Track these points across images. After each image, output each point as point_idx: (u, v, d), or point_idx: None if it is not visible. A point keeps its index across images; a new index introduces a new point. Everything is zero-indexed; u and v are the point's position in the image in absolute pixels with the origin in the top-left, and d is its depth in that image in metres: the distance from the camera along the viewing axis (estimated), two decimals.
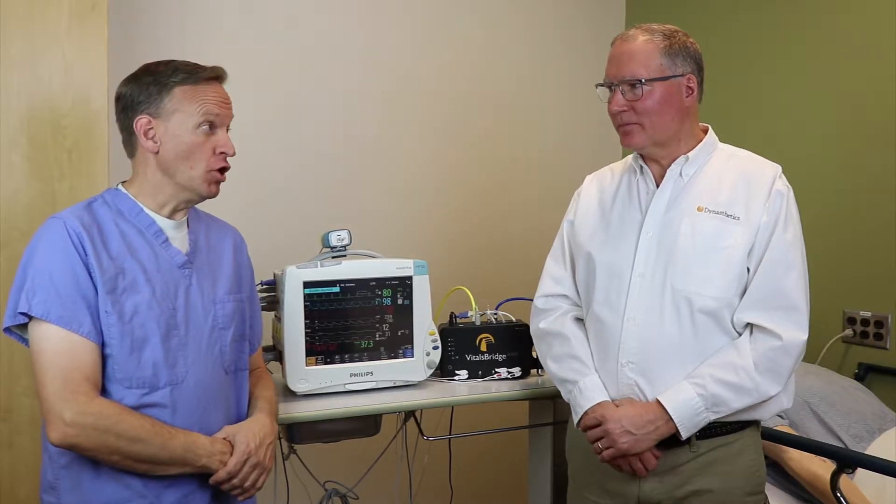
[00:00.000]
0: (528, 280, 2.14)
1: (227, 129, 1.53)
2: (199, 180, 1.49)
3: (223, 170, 1.52)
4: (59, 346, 1.37)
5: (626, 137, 1.65)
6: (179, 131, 1.47)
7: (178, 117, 1.46)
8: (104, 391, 1.41)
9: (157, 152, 1.48)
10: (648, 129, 1.63)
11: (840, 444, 2.17)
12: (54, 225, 1.42)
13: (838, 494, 1.82)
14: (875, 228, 2.56)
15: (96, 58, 2.04)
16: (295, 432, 1.94)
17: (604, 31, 3.26)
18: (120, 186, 1.53)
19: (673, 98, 1.62)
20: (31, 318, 1.38)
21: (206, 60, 1.55)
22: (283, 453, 2.08)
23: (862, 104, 2.61)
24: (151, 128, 1.47)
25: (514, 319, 2.18)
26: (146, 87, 1.47)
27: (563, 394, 1.77)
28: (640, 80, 1.59)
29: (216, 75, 1.51)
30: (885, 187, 2.53)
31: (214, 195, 1.53)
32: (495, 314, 2.19)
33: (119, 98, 1.50)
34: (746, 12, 2.99)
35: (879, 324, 2.54)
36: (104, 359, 1.41)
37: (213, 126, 1.49)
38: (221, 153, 1.50)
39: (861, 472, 2.05)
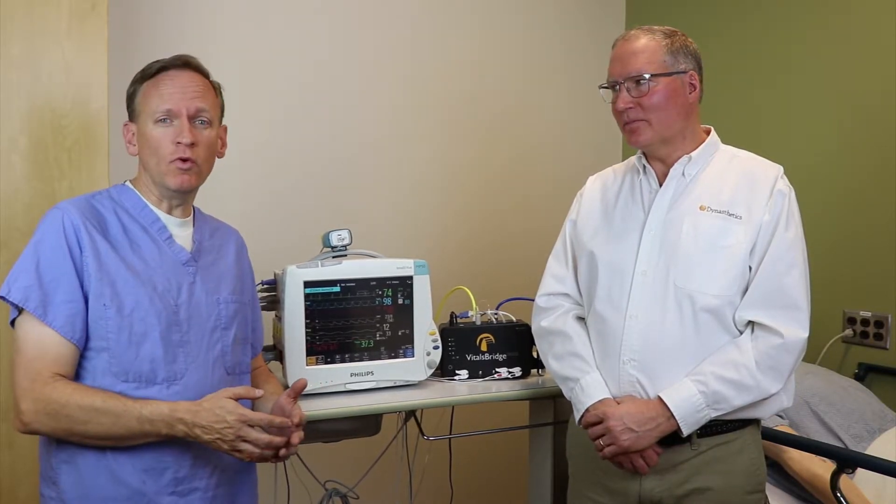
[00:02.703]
0: (528, 280, 2.15)
1: (200, 118, 1.49)
2: (163, 174, 1.49)
3: (184, 160, 1.47)
4: (29, 337, 1.38)
5: (633, 135, 1.66)
6: (144, 129, 1.49)
7: (143, 117, 1.49)
8: (99, 384, 1.40)
9: (137, 154, 1.52)
10: (655, 126, 1.64)
11: (840, 444, 2.17)
12: (53, 216, 1.43)
13: (838, 494, 1.82)
14: (875, 228, 2.56)
15: (96, 58, 2.04)
16: None
17: (604, 31, 3.26)
18: (128, 183, 1.55)
19: (677, 94, 1.63)
20: (20, 310, 1.39)
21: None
22: None
23: (862, 104, 2.61)
24: (131, 131, 1.52)
25: (514, 319, 2.18)
26: (127, 94, 1.52)
27: (564, 392, 1.77)
28: (646, 76, 1.61)
29: (164, 66, 1.49)
30: (885, 187, 2.53)
31: (181, 186, 1.49)
32: (496, 314, 2.19)
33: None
34: (747, 13, 2.99)
35: (879, 324, 2.54)
36: (100, 352, 1.41)
37: (170, 118, 1.47)
38: (178, 143, 1.47)
39: (861, 472, 2.05)
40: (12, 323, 1.42)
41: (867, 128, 2.59)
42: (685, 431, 1.60)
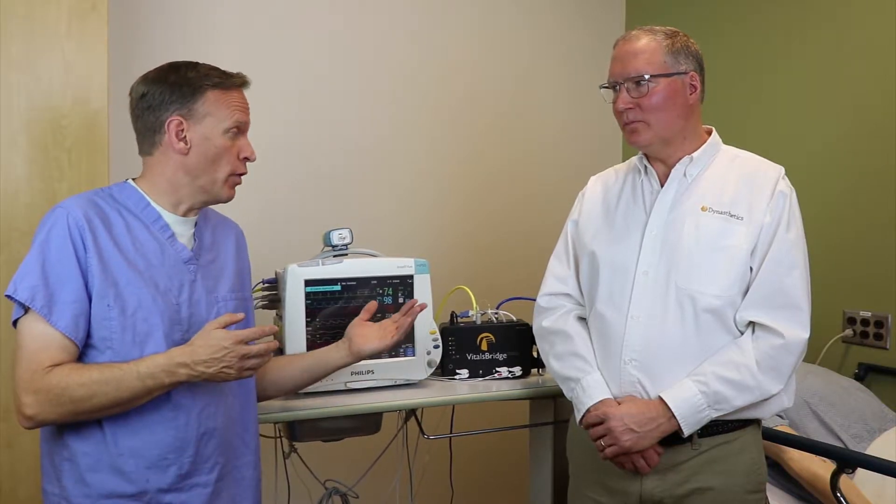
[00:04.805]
0: (528, 279, 2.15)
1: None
2: (221, 184, 1.52)
3: (241, 175, 1.55)
4: (32, 334, 1.38)
5: (633, 135, 1.66)
6: (211, 134, 1.48)
7: (210, 121, 1.48)
8: None
9: (187, 154, 1.49)
10: (654, 127, 1.64)
11: (840, 444, 2.17)
12: (58, 216, 1.42)
13: (838, 494, 1.82)
14: (875, 228, 2.56)
15: (96, 58, 2.04)
16: (296, 430, 1.94)
17: (604, 32, 3.27)
18: (130, 181, 1.54)
19: (677, 95, 1.63)
20: (26, 308, 1.38)
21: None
22: (283, 452, 2.08)
23: (862, 105, 2.61)
24: (183, 129, 1.48)
25: (514, 319, 2.18)
26: (177, 87, 1.48)
27: (565, 392, 1.77)
28: (645, 77, 1.61)
29: (243, 83, 1.54)
30: (885, 187, 2.53)
31: (231, 199, 1.56)
32: (496, 313, 2.20)
33: (143, 96, 1.49)
34: (747, 13, 2.99)
35: (879, 324, 2.54)
36: (104, 351, 1.41)
37: (239, 131, 1.52)
38: (244, 158, 1.53)
39: (861, 472, 2.05)
40: (14, 323, 1.42)
41: (867, 128, 2.59)
42: (686, 431, 1.60)
